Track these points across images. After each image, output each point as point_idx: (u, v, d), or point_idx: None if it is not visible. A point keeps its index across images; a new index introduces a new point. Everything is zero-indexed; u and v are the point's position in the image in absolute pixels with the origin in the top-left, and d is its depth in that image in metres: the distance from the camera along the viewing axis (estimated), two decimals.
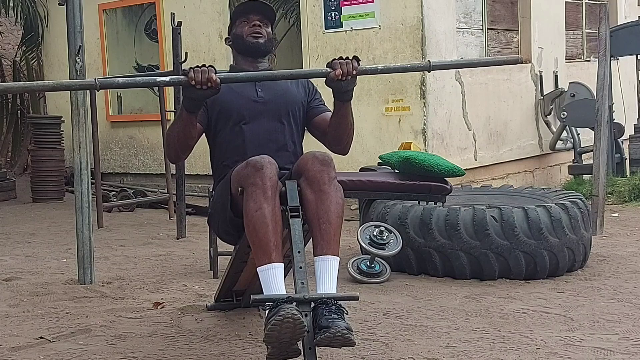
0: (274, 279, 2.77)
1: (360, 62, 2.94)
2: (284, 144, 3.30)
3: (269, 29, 3.38)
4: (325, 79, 2.93)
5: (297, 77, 3.31)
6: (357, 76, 2.93)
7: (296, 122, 3.37)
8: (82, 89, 4.10)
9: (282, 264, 2.82)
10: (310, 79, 3.46)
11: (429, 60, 2.94)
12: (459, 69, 7.35)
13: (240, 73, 3.09)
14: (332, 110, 3.17)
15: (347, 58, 2.93)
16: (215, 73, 2.83)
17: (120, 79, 2.97)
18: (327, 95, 3.23)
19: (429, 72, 3.05)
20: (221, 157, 3.33)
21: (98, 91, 3.16)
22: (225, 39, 3.49)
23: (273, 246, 2.80)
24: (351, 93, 3.03)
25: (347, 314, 2.73)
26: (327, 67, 2.93)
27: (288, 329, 2.57)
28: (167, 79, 3.01)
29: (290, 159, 3.20)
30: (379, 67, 3.00)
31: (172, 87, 6.27)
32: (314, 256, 2.88)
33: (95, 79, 2.82)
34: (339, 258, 2.90)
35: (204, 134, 3.32)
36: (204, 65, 2.85)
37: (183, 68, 3.00)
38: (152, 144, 9.05)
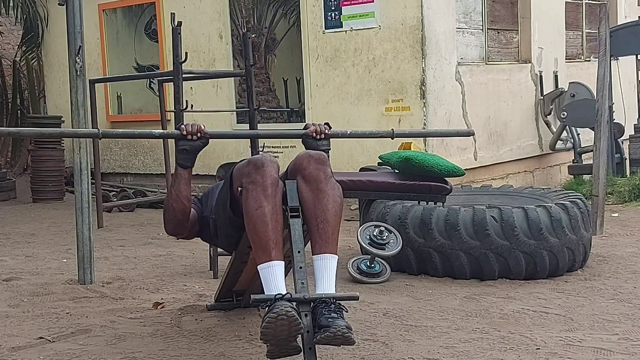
0: (273, 277, 2.78)
1: (331, 128, 3.26)
2: None
3: None
4: (302, 140, 3.25)
5: (277, 137, 3.89)
6: (330, 138, 3.23)
7: None
8: (86, 137, 4.50)
9: (283, 262, 2.83)
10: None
11: (392, 129, 3.41)
12: (460, 64, 7.37)
13: (227, 130, 3.63)
14: None
15: (320, 124, 3.27)
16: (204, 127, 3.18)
17: (120, 130, 3.68)
18: None
19: (392, 139, 3.44)
20: None
21: (100, 139, 3.69)
22: None
23: (273, 244, 2.81)
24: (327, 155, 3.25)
25: (346, 312, 2.74)
26: (303, 129, 3.26)
27: (283, 326, 2.57)
28: (163, 131, 3.70)
29: None
30: (348, 132, 3.47)
31: (172, 88, 6.27)
32: (313, 255, 2.89)
33: (98, 129, 3.21)
34: (337, 256, 2.90)
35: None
36: (194, 123, 3.21)
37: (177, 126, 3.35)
38: (152, 144, 9.04)
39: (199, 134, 3.11)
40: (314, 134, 3.18)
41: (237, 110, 8.05)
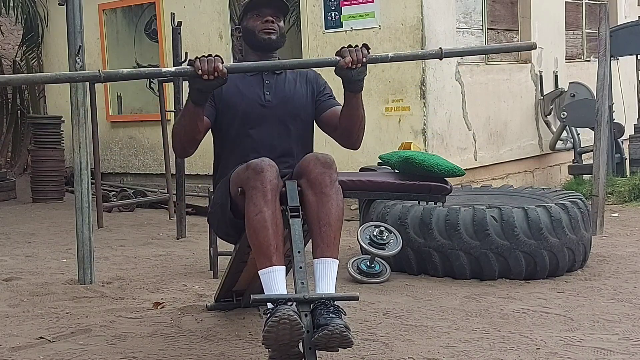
0: (275, 282, 2.77)
1: (370, 50, 2.91)
2: (289, 150, 3.26)
3: (282, 23, 3.32)
4: (334, 68, 2.90)
5: (305, 66, 3.32)
6: (367, 64, 2.92)
7: (304, 126, 3.33)
8: (86, 80, 3.97)
9: (284, 267, 2.82)
10: (320, 73, 3.43)
11: (440, 48, 2.94)
12: (460, 64, 7.37)
13: (247, 63, 3.10)
14: (343, 103, 3.14)
15: (357, 46, 2.91)
16: (222, 63, 2.80)
17: (125, 70, 2.94)
18: (338, 89, 3.22)
19: (441, 59, 3.05)
20: (224, 159, 3.31)
21: (102, 83, 3.10)
22: (235, 28, 3.43)
23: (274, 249, 2.79)
24: (361, 83, 3.02)
25: (345, 315, 2.73)
26: (336, 55, 2.92)
27: (285, 330, 2.56)
28: (173, 69, 3.01)
29: (294, 165, 3.16)
30: (390, 55, 2.99)
31: (172, 88, 6.27)
32: (314, 258, 2.88)
33: (99, 70, 2.80)
34: (338, 261, 2.90)
35: (210, 129, 3.26)
36: (210, 55, 2.82)
37: (190, 58, 3.03)
38: (152, 144, 9.05)
39: (215, 74, 2.78)
40: (350, 65, 2.88)
41: None
